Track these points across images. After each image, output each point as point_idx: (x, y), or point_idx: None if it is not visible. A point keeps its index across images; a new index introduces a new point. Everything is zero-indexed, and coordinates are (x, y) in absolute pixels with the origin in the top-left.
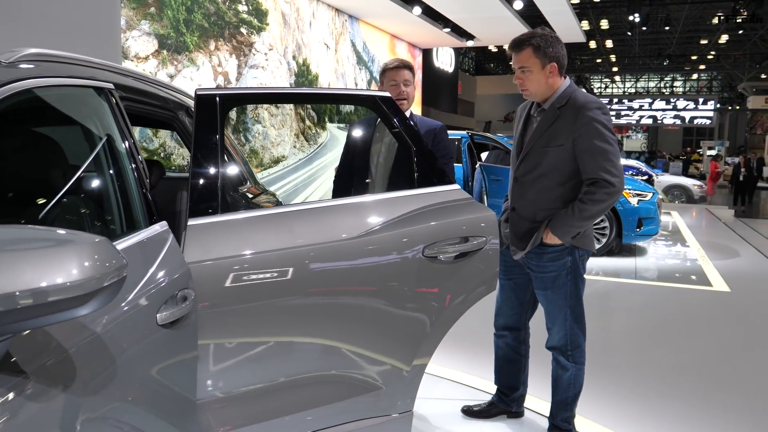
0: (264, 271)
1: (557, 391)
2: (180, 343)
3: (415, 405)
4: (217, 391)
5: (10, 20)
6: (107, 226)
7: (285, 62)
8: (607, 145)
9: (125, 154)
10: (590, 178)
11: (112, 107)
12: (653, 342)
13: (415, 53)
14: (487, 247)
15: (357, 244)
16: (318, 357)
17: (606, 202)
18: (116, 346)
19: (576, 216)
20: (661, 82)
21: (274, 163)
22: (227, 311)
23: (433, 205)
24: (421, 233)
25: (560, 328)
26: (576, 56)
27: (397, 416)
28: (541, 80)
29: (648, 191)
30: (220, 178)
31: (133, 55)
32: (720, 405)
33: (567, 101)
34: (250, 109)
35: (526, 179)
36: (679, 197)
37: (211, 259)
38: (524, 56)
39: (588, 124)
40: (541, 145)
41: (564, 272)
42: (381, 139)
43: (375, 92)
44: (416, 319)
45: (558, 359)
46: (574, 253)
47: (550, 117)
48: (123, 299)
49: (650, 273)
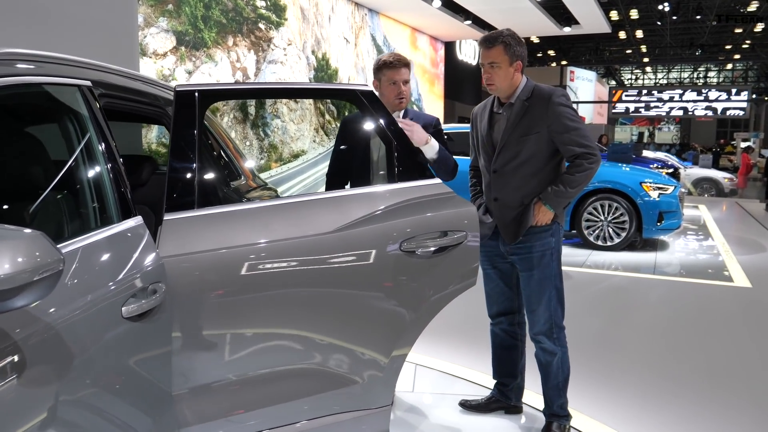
0: (239, 265)
1: (548, 378)
2: (150, 336)
3: (413, 399)
4: (193, 384)
5: (27, 20)
6: (78, 222)
7: (304, 57)
8: (578, 124)
9: (99, 150)
10: (572, 154)
11: (89, 105)
12: (664, 338)
13: (437, 46)
14: (466, 241)
15: (333, 239)
16: (294, 351)
17: (591, 170)
18: (76, 338)
19: (567, 185)
20: (694, 72)
21: (294, 158)
22: (202, 305)
23: (413, 200)
24: (399, 228)
25: (545, 309)
26: (605, 47)
27: (375, 410)
28: (507, 76)
29: (670, 184)
30: (198, 173)
31: (152, 52)
32: (727, 404)
33: (532, 93)
34: (269, 104)
35: (506, 169)
36: (709, 190)
37: (186, 253)
38: (495, 53)
39: (558, 110)
40: (517, 135)
41: (548, 251)
42: (367, 134)
43: (356, 86)
44: (394, 313)
45: (544, 345)
46: (556, 233)
47: (520, 110)
48: (86, 291)
49: (670, 268)
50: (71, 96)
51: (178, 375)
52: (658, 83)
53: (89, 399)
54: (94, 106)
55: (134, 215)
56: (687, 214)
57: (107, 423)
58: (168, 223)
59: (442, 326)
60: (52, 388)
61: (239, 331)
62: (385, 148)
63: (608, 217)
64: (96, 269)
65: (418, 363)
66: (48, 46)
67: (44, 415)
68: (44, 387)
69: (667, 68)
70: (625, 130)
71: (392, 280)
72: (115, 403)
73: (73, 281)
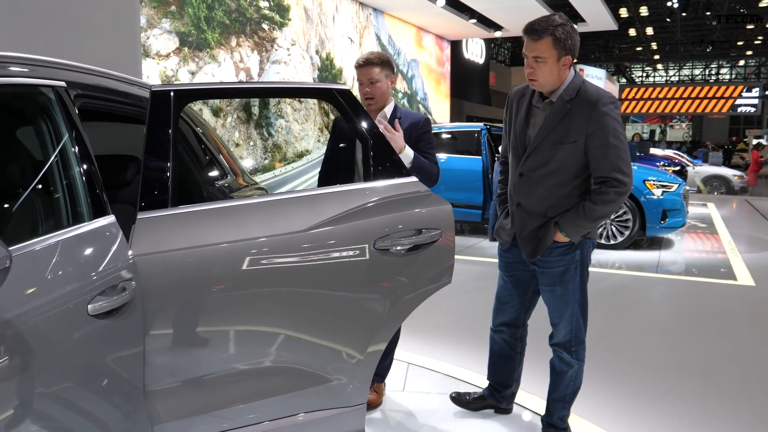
0: (211, 263)
1: (557, 388)
2: (119, 333)
3: (403, 398)
4: (167, 381)
5: (30, 21)
6: (44, 221)
7: (308, 57)
8: (620, 143)
9: (71, 150)
10: (601, 177)
11: (63, 105)
12: (662, 337)
13: (443, 45)
14: (441, 239)
15: (307, 237)
16: (267, 348)
17: (616, 202)
18: (37, 334)
19: (587, 217)
20: (705, 69)
21: (298, 158)
22: (174, 303)
23: (387, 198)
24: (373, 225)
25: (567, 323)
26: (614, 44)
27: (350, 408)
28: (554, 72)
29: (674, 182)
30: (172, 172)
31: (155, 53)
32: (722, 404)
33: (577, 94)
34: (273, 104)
35: (534, 175)
36: (719, 188)
37: (158, 251)
38: (542, 46)
39: (603, 120)
40: (551, 141)
41: (573, 267)
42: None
43: (332, 85)
44: (368, 312)
45: (561, 356)
46: (582, 246)
47: (559, 111)
48: (49, 288)
49: (673, 266)
50: (45, 97)
51: (151, 372)
52: (668, 80)
53: (55, 394)
54: (68, 106)
55: (107, 214)
56: (694, 213)
57: (76, 418)
58: (141, 222)
59: (437, 325)
60: (12, 385)
61: (212, 328)
62: (362, 146)
63: (611, 215)
64: (60, 267)
65: (411, 362)
66: (50, 48)
67: (9, 412)
68: (4, 383)
69: (678, 65)
70: (636, 128)
71: (366, 278)
72: (83, 398)
73: (34, 278)
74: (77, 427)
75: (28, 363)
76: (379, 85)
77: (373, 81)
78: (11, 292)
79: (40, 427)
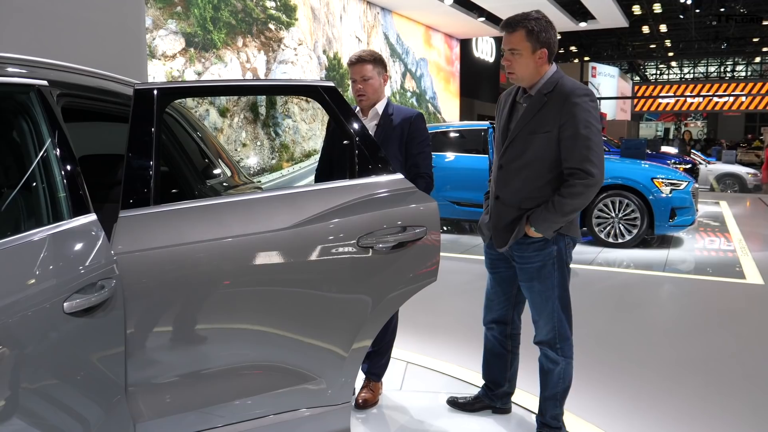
0: (192, 261)
1: (546, 386)
2: (98, 331)
3: (401, 397)
4: (148, 379)
5: (35, 21)
6: (20, 220)
7: (315, 57)
8: (591, 134)
9: (51, 149)
10: (570, 168)
11: (44, 104)
12: (666, 336)
13: (452, 44)
14: (427, 237)
15: (290, 235)
16: (250, 346)
17: (585, 194)
18: (9, 331)
19: (557, 211)
20: (720, 67)
21: (306, 157)
22: (155, 301)
23: (372, 195)
24: (357, 223)
25: (548, 320)
26: (628, 42)
27: (336, 407)
28: (529, 65)
29: (683, 180)
30: (155, 171)
31: (161, 54)
32: (724, 405)
33: (554, 87)
34: (279, 103)
35: (511, 167)
36: (732, 186)
37: (139, 249)
38: (516, 38)
39: (574, 110)
40: (527, 131)
41: (550, 262)
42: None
43: (317, 82)
44: (352, 309)
45: (547, 354)
46: (559, 242)
47: (536, 103)
48: (22, 286)
49: (681, 265)
50: (25, 96)
51: (133, 370)
52: (683, 78)
53: (32, 391)
54: (50, 105)
55: (88, 212)
56: (706, 211)
57: (56, 414)
58: (123, 220)
59: (438, 324)
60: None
61: (193, 326)
62: (347, 144)
63: (619, 213)
64: (35, 264)
65: (409, 361)
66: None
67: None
68: None
69: (693, 62)
70: (650, 126)
71: (350, 275)
72: (63, 395)
73: (7, 276)
74: (58, 423)
75: (1, 359)
76: (371, 82)
77: (366, 78)
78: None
79: (18, 423)
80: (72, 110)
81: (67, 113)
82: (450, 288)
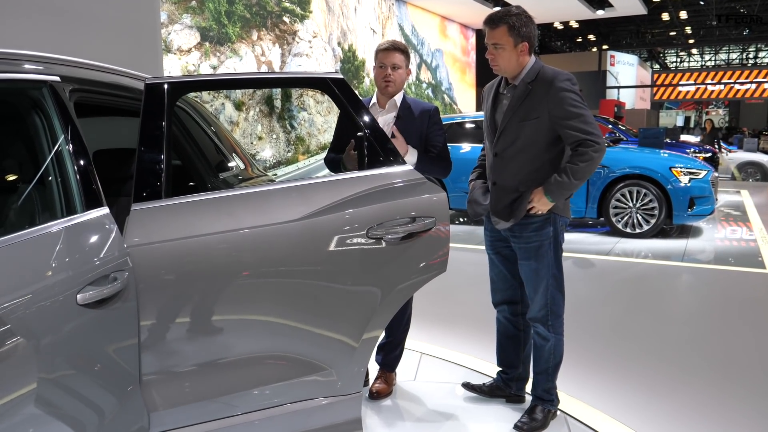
0: (204, 253)
1: (538, 362)
2: (111, 322)
3: (414, 388)
4: (162, 369)
5: (53, 18)
6: (34, 214)
7: (330, 49)
8: (581, 110)
9: (64, 144)
10: (576, 141)
11: (56, 100)
12: (683, 327)
13: (467, 34)
14: (436, 227)
15: (300, 226)
16: (262, 337)
17: (594, 160)
18: (24, 322)
19: (571, 178)
20: (742, 53)
21: (321, 150)
22: (167, 293)
23: (381, 186)
24: (366, 214)
25: (542, 297)
26: (647, 30)
27: (346, 397)
28: (512, 58)
29: (702, 169)
30: (166, 164)
31: (176, 49)
32: (739, 397)
33: (536, 76)
34: (294, 96)
35: (506, 154)
36: (754, 175)
37: (151, 242)
38: (498, 33)
39: (560, 95)
40: (517, 119)
41: (547, 242)
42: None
43: (327, 74)
44: (362, 300)
45: (538, 330)
46: (555, 223)
47: (521, 92)
48: (36, 278)
49: (700, 255)
50: (38, 91)
51: (147, 360)
52: (704, 65)
53: (47, 381)
54: (62, 101)
55: (101, 206)
56: (726, 200)
57: (71, 403)
58: (135, 213)
59: (452, 315)
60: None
61: (205, 318)
62: (357, 135)
63: (637, 203)
64: (49, 257)
65: (423, 351)
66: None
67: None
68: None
69: (714, 49)
70: (671, 115)
71: (359, 266)
72: (78, 385)
73: (21, 268)
74: (73, 412)
75: (15, 351)
76: (400, 72)
77: (396, 66)
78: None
79: (34, 412)
80: (85, 105)
81: (79, 108)
82: (465, 279)
